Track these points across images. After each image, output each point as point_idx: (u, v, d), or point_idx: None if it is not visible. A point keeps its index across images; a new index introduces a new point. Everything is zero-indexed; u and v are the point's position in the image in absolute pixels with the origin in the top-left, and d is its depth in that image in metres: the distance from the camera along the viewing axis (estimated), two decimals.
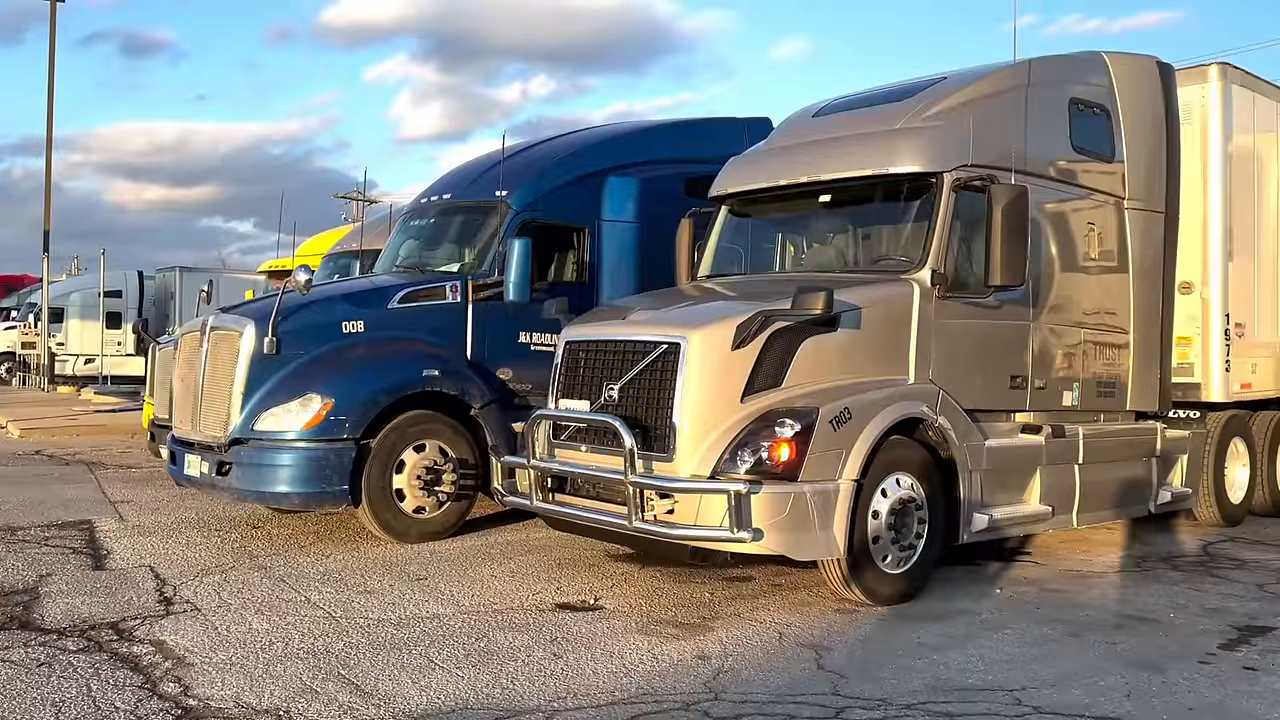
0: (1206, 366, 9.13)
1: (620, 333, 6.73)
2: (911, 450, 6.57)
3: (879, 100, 7.97)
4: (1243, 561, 7.90)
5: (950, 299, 6.92)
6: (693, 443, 6.18)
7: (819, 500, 5.99)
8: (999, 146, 7.29)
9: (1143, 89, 8.55)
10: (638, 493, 6.16)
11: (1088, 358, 8.03)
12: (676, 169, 10.11)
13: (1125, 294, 8.34)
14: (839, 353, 6.53)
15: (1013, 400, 7.45)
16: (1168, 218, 8.66)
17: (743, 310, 6.38)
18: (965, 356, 7.08)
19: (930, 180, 7.02)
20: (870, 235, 7.65)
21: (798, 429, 5.96)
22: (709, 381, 6.22)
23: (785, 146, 8.07)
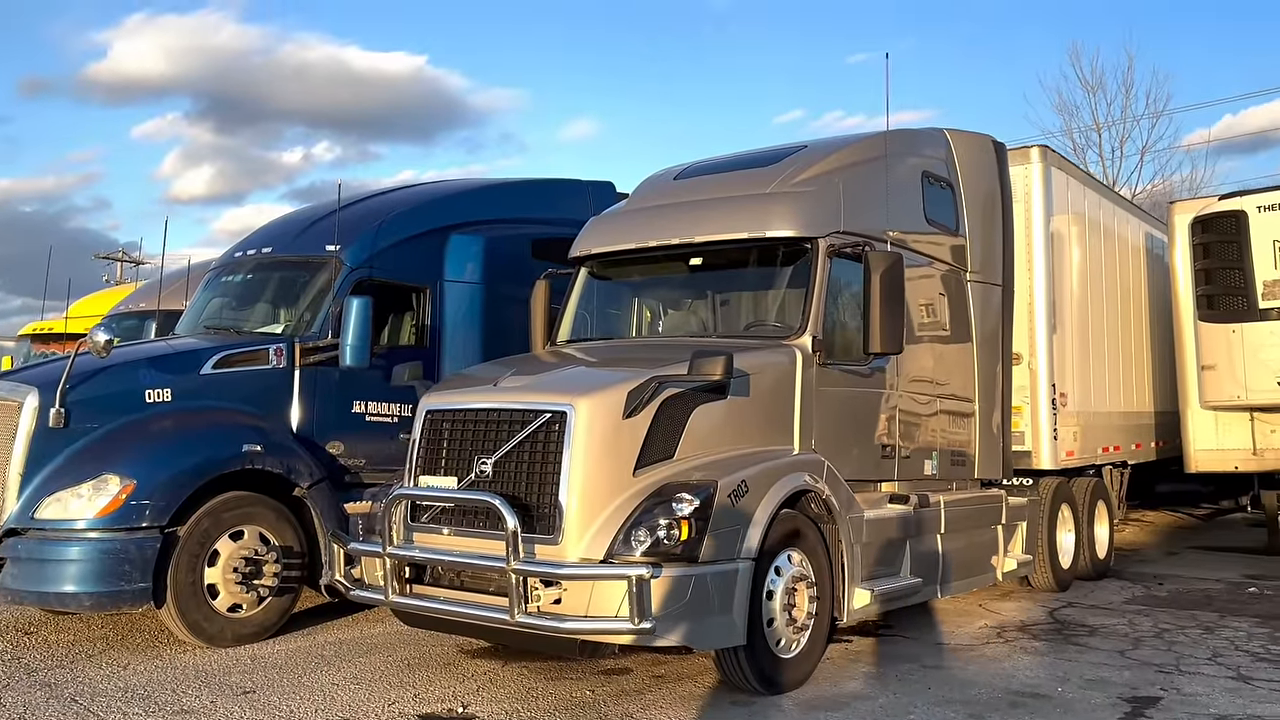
0: (1036, 434, 9.46)
1: (494, 400, 6.07)
2: (800, 524, 6.24)
3: (743, 165, 7.82)
4: (1093, 628, 8.06)
5: (829, 366, 6.73)
6: (582, 522, 5.57)
7: (719, 583, 5.52)
8: (867, 215, 7.25)
9: (980, 165, 8.86)
10: (520, 582, 5.47)
11: (943, 427, 8.08)
12: (522, 229, 9.62)
13: (971, 364, 8.49)
14: (729, 421, 6.16)
15: (882, 470, 7.32)
16: (1004, 290, 8.94)
17: (633, 375, 5.89)
18: (843, 425, 6.89)
19: (805, 245, 6.87)
20: (743, 300, 7.41)
21: (696, 505, 5.49)
22: (599, 453, 5.67)
23: (651, 208, 7.75)
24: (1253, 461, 11.52)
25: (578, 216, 10.17)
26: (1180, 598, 9.48)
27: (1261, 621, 8.25)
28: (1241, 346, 10.83)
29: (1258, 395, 10.81)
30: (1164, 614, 8.63)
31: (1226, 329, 11.00)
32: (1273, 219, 10.67)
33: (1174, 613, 8.69)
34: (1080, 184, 10.68)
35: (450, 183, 10.48)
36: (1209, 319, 11.21)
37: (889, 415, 7.34)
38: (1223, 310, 11.08)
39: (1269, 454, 11.36)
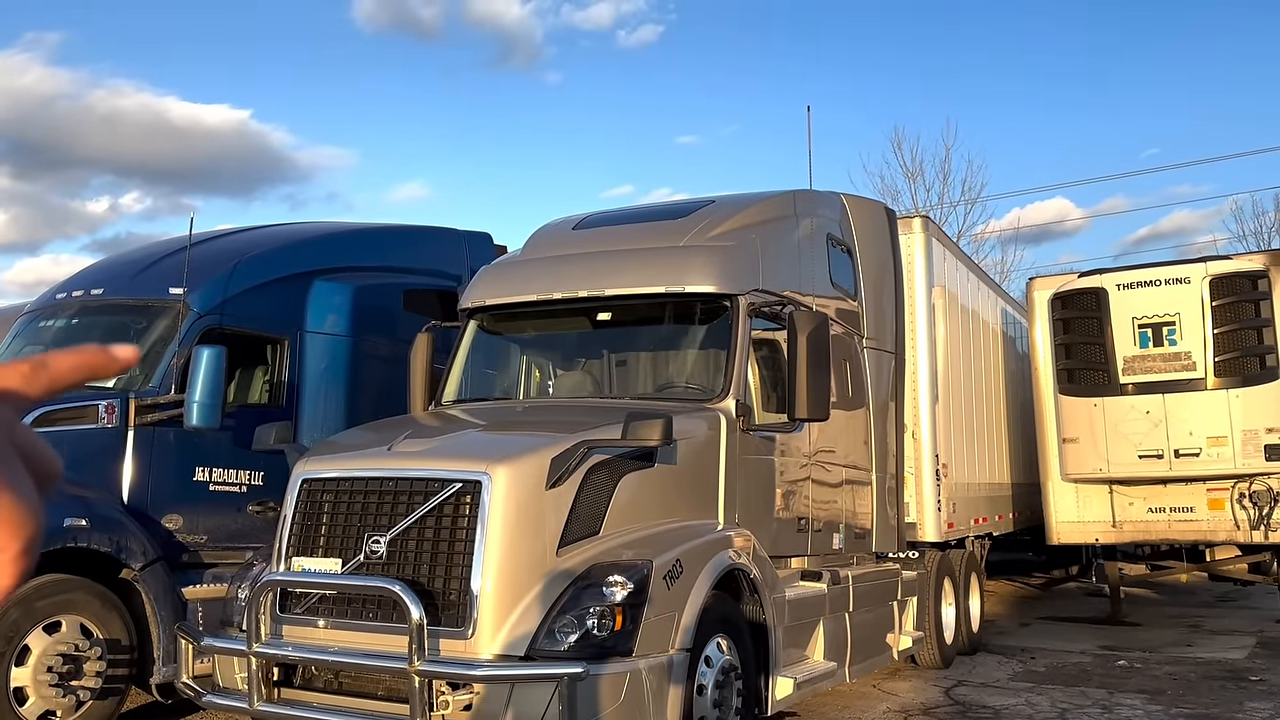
0: (921, 506, 9.28)
1: (391, 467, 5.22)
2: (727, 607, 5.67)
3: (649, 217, 7.37)
4: (995, 710, 7.81)
5: (749, 433, 6.25)
6: (499, 612, 4.80)
7: (655, 679, 4.85)
8: (782, 274, 6.90)
9: (874, 231, 8.75)
10: (425, 686, 4.61)
11: (847, 498, 7.74)
12: (393, 278, 8.79)
13: (868, 433, 8.24)
14: (655, 491, 5.56)
15: (797, 544, 6.87)
16: (897, 358, 8.80)
17: (554, 440, 5.21)
18: (764, 496, 6.42)
19: (724, 303, 6.42)
20: (651, 360, 6.87)
21: (630, 589, 4.83)
22: (519, 530, 4.93)
23: (551, 258, 7.13)
24: (1112, 533, 11.83)
25: (452, 268, 9.47)
26: (1058, 673, 9.43)
27: (1150, 698, 8.22)
28: (1103, 420, 11.15)
29: (1119, 468, 11.12)
30: (1055, 691, 8.50)
31: (1088, 403, 11.31)
32: (1132, 296, 11.12)
33: (1063, 690, 8.58)
34: (954, 257, 10.81)
35: (314, 225, 9.52)
36: (1070, 393, 11.52)
37: (804, 486, 6.92)
38: (1084, 384, 11.41)
39: (1128, 526, 11.70)
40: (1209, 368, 10.74)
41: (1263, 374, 10.67)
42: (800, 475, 6.87)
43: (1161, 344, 10.95)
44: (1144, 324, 11.07)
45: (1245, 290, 10.88)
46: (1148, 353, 11.03)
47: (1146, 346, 11.03)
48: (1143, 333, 11.08)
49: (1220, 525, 11.22)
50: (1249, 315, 10.82)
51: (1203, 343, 10.80)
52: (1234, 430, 10.57)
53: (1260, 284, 10.88)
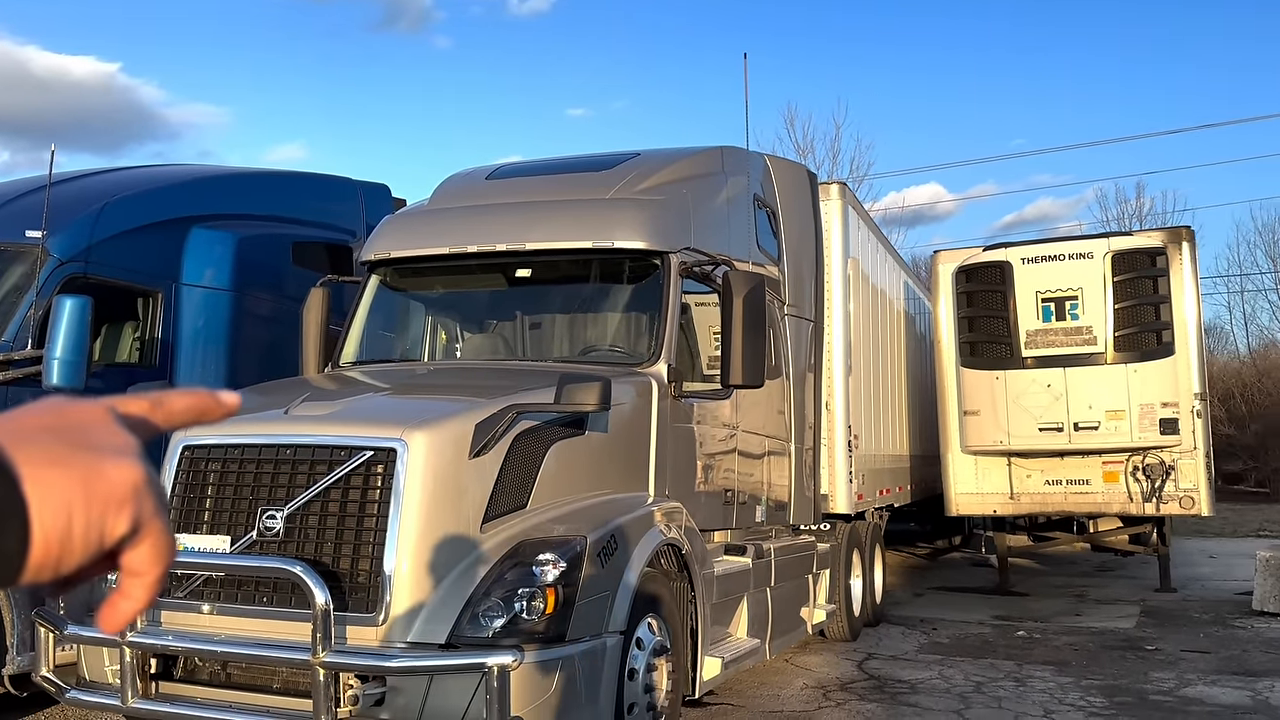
0: (834, 478, 9.11)
1: (288, 433, 4.62)
2: (658, 585, 5.28)
3: (571, 168, 6.87)
4: (911, 684, 7.69)
5: (680, 400, 5.86)
6: (415, 595, 4.28)
7: (588, 665, 4.43)
8: (712, 233, 6.51)
9: (797, 195, 8.45)
10: (330, 679, 4.07)
11: (768, 469, 7.46)
12: (281, 229, 8.05)
13: (786, 403, 7.98)
14: (587, 461, 5.12)
15: (723, 517, 6.55)
16: (816, 326, 8.55)
17: (478, 405, 4.69)
18: (693, 467, 6.05)
19: (654, 261, 5.99)
20: (575, 321, 6.39)
21: (563, 568, 4.38)
22: (439, 503, 4.41)
23: (464, 208, 6.55)
24: (1010, 505, 11.96)
25: (346, 220, 8.78)
26: (963, 645, 9.43)
27: (1058, 669, 8.25)
28: (1004, 393, 11.20)
29: (1019, 441, 11.21)
30: (964, 663, 8.46)
31: (990, 376, 11.35)
32: (1035, 271, 11.18)
33: (972, 662, 8.55)
34: (867, 227, 10.65)
35: (193, 167, 8.64)
36: (972, 366, 11.54)
37: (731, 457, 6.59)
38: (986, 357, 11.44)
39: (1025, 498, 11.84)
40: (1109, 342, 10.90)
41: (1160, 349, 10.89)
42: (727, 446, 6.53)
43: (1064, 318, 11.05)
44: (1047, 298, 11.15)
45: (1145, 266, 11.06)
46: (1050, 326, 11.12)
47: (1049, 320, 11.12)
48: (1045, 307, 11.16)
49: (1114, 497, 11.46)
50: (1148, 291, 11.01)
51: (1104, 317, 10.94)
52: (1131, 404, 10.77)
53: (1159, 260, 11.08)
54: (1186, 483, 11.20)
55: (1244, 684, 7.55)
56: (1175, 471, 11.19)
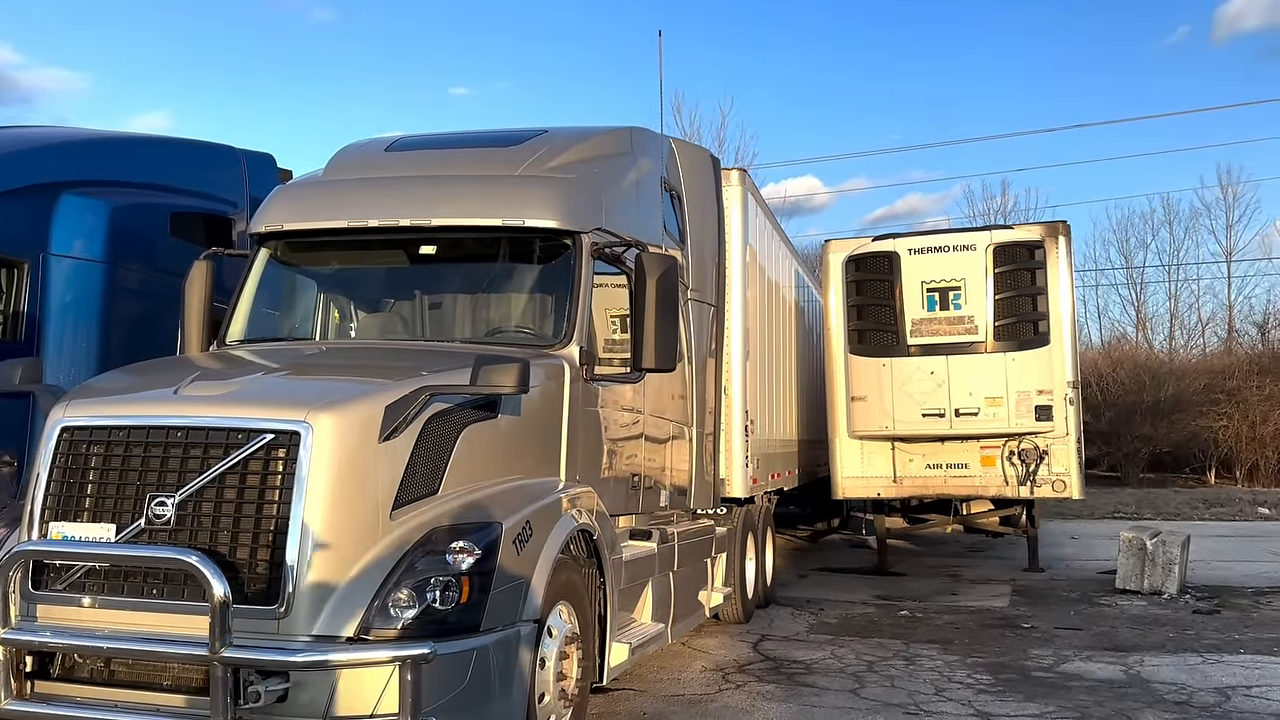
0: (730, 461, 9.14)
1: (179, 414, 4.31)
2: (569, 572, 5.17)
3: (476, 143, 6.65)
4: (806, 664, 7.80)
5: (592, 383, 5.75)
6: (320, 586, 4.07)
7: (502, 656, 4.30)
8: (623, 214, 6.41)
9: (701, 179, 8.43)
10: (229, 674, 3.82)
11: (672, 454, 7.43)
12: (157, 198, 7.60)
13: (687, 388, 7.96)
14: (499, 446, 4.96)
15: (630, 502, 6.48)
16: (717, 311, 8.56)
17: (388, 386, 4.47)
18: (603, 452, 5.95)
19: (565, 241, 5.85)
20: (480, 301, 6.19)
21: (478, 555, 4.23)
22: (346, 489, 4.20)
23: (363, 180, 6.26)
24: (893, 488, 12.30)
25: (227, 191, 8.35)
26: (850, 625, 9.64)
27: (943, 647, 8.51)
28: (890, 380, 11.49)
29: (904, 426, 11.53)
30: (856, 643, 8.64)
31: (877, 363, 11.63)
32: (922, 261, 11.48)
33: (862, 641, 8.75)
34: (764, 215, 10.73)
35: (62, 129, 8.04)
36: (860, 353, 11.80)
37: (639, 441, 6.52)
38: (874, 345, 11.71)
39: (907, 481, 12.19)
40: (989, 332, 11.29)
41: (1036, 339, 11.34)
42: (634, 430, 6.46)
43: (947, 308, 11.39)
44: (932, 288, 11.48)
45: (1024, 259, 11.49)
46: (934, 316, 11.45)
47: (934, 310, 11.45)
48: (930, 296, 11.49)
49: (991, 481, 11.91)
50: (1026, 283, 11.45)
51: (985, 308, 11.33)
52: (1009, 392, 11.19)
53: (1037, 253, 11.53)
54: (1059, 467, 11.72)
55: (1116, 659, 7.95)
56: (1048, 456, 11.70)
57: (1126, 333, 41.90)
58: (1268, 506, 22.97)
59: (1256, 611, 10.09)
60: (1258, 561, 14.22)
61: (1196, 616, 9.84)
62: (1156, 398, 32.71)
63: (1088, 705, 6.50)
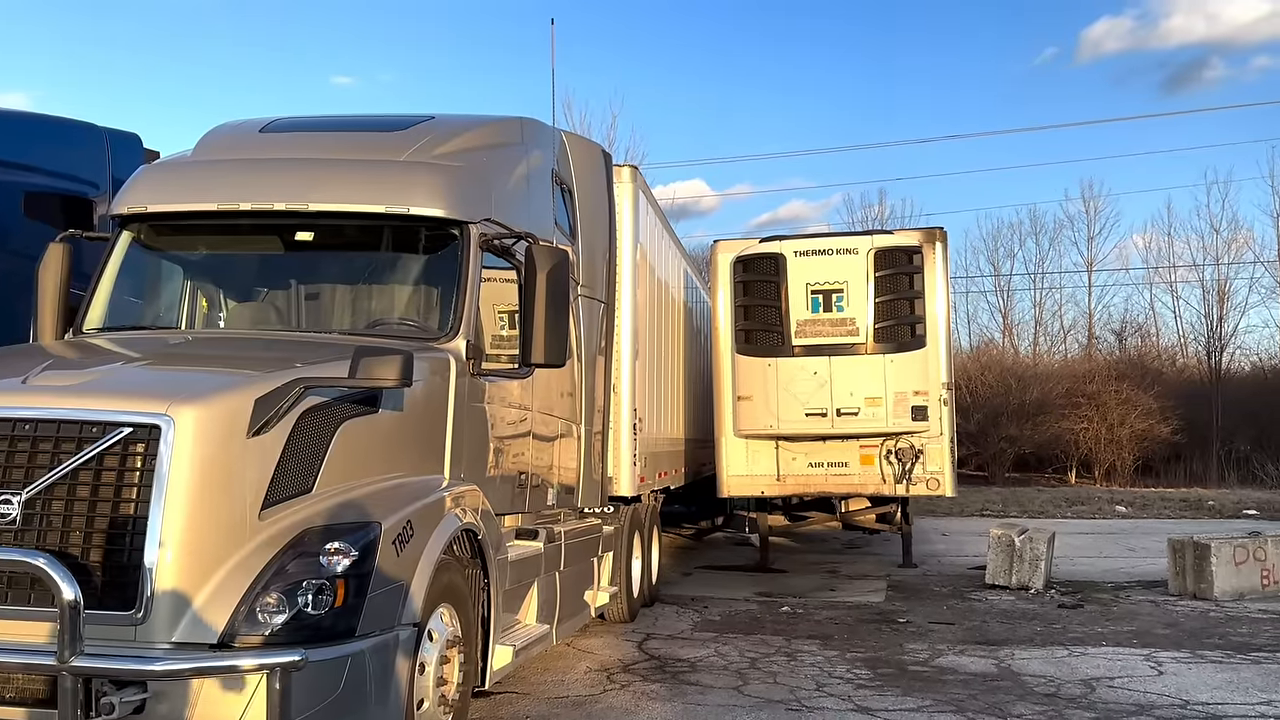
0: (619, 460, 9.08)
1: (26, 405, 3.97)
2: (452, 573, 5.00)
3: (358, 126, 6.38)
4: (690, 663, 7.79)
5: (479, 378, 5.59)
6: (181, 590, 3.81)
7: (379, 662, 4.11)
8: (513, 206, 6.25)
9: (593, 174, 8.33)
10: (79, 685, 3.53)
11: (560, 452, 7.32)
12: (11, 175, 7.06)
13: (576, 385, 7.86)
14: (379, 442, 4.75)
15: (517, 501, 6.34)
16: (608, 308, 8.48)
17: (259, 378, 4.22)
18: (490, 449, 5.79)
19: (453, 231, 5.67)
20: (360, 291, 5.94)
21: (353, 557, 4.03)
22: (211, 487, 3.94)
23: (236, 161, 5.93)
24: (776, 486, 12.44)
25: (87, 171, 7.86)
26: (734, 622, 9.71)
27: (822, 643, 8.63)
28: (775, 379, 11.63)
29: (788, 425, 11.68)
30: (739, 641, 8.69)
31: (763, 362, 11.75)
32: (807, 263, 11.66)
33: (744, 638, 8.80)
34: (654, 212, 10.70)
35: None
36: (747, 353, 11.90)
37: (526, 439, 6.38)
38: (760, 345, 11.83)
39: (790, 480, 12.35)
40: (870, 333, 11.55)
41: (914, 341, 11.65)
42: (522, 427, 6.32)
43: (831, 310, 11.60)
44: (816, 290, 11.67)
45: (903, 264, 11.79)
46: (818, 317, 11.64)
47: (818, 311, 11.64)
48: (815, 298, 11.68)
49: (869, 479, 12.18)
50: (905, 287, 11.75)
51: (866, 310, 11.58)
52: (888, 392, 11.46)
53: (915, 259, 11.84)
54: (933, 466, 12.07)
55: (988, 653, 8.19)
56: (923, 456, 12.03)
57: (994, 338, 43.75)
58: (1125, 505, 24.27)
59: (1116, 605, 10.58)
60: (1116, 557, 14.97)
61: (1062, 610, 10.26)
62: (1022, 400, 34.21)
63: (962, 699, 6.67)
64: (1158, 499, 25.79)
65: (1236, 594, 10.71)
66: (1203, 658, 7.93)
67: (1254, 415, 34.66)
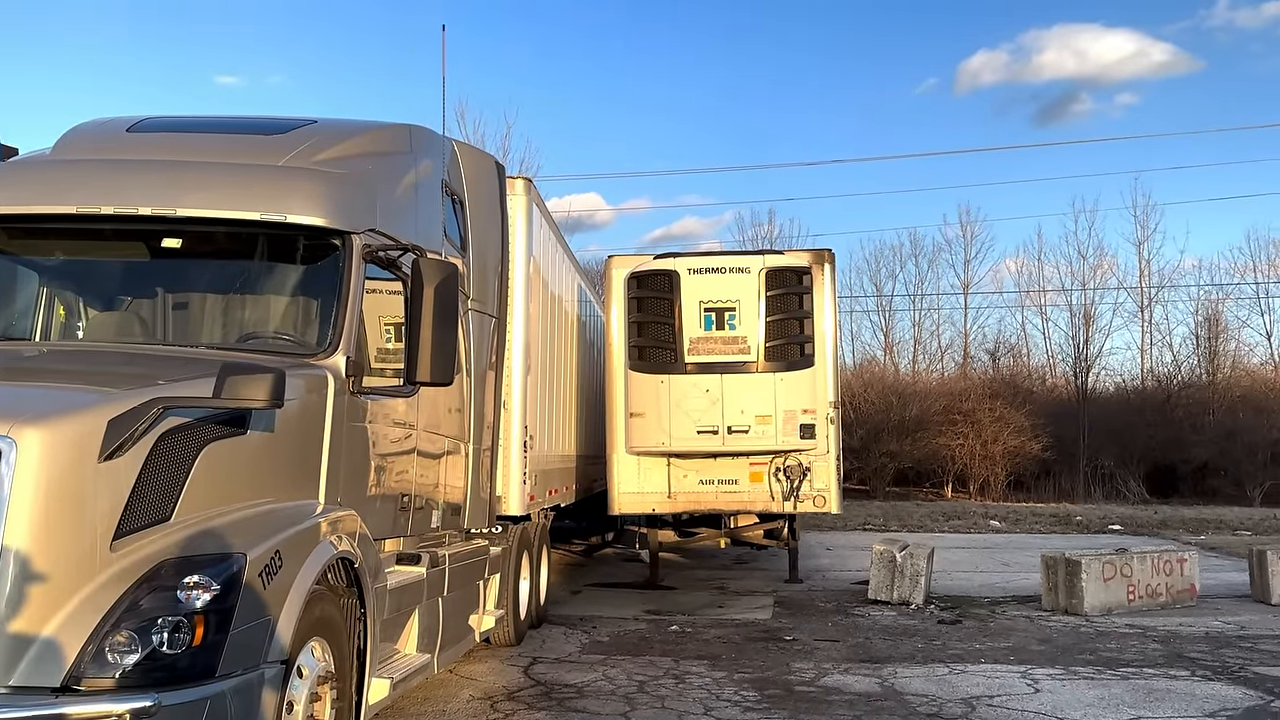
0: (508, 478, 8.87)
1: None
2: (325, 604, 4.73)
3: (234, 128, 6.06)
4: (577, 688, 7.61)
5: (360, 396, 5.33)
6: (20, 629, 3.46)
7: (243, 704, 3.83)
8: (399, 217, 6.01)
9: (485, 186, 8.12)
10: None
11: (445, 471, 7.07)
12: None
13: (464, 401, 7.63)
14: (248, 465, 4.45)
15: (399, 525, 6.07)
16: (499, 323, 8.27)
17: (113, 396, 3.90)
18: (370, 471, 5.53)
19: (334, 241, 5.41)
20: (232, 302, 5.61)
21: (215, 591, 3.75)
22: (56, 515, 3.61)
23: (99, 162, 5.54)
24: (668, 504, 12.38)
25: None
26: (622, 642, 9.58)
27: (710, 664, 8.58)
28: (668, 396, 11.59)
29: (680, 442, 11.64)
30: (626, 662, 8.57)
31: (656, 379, 11.70)
32: (701, 281, 11.67)
33: (632, 660, 8.68)
34: (548, 225, 10.54)
35: None
36: (640, 369, 11.83)
37: (410, 459, 6.13)
38: (653, 362, 11.78)
39: (682, 497, 12.31)
40: (761, 352, 11.62)
41: (803, 360, 11.77)
42: (405, 446, 6.07)
43: (723, 328, 11.63)
44: (710, 308, 11.69)
45: (793, 284, 11.91)
46: (711, 335, 11.66)
47: (710, 329, 11.66)
48: (708, 316, 11.70)
49: (759, 496, 12.24)
50: (795, 307, 11.87)
51: (757, 329, 11.65)
52: (777, 410, 11.55)
53: (805, 279, 11.98)
54: (820, 483, 12.21)
55: (871, 671, 8.27)
56: (811, 473, 12.16)
57: (876, 356, 44.91)
58: (998, 520, 25.12)
59: (993, 621, 10.85)
60: (991, 572, 15.42)
61: (941, 627, 10.47)
62: (902, 417, 35.21)
63: None
64: (1029, 514, 26.79)
65: (1105, 609, 11.13)
66: (1075, 674, 8.16)
67: (1117, 433, 36.43)
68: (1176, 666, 8.44)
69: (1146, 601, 11.42)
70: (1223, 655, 8.92)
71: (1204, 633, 10.07)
